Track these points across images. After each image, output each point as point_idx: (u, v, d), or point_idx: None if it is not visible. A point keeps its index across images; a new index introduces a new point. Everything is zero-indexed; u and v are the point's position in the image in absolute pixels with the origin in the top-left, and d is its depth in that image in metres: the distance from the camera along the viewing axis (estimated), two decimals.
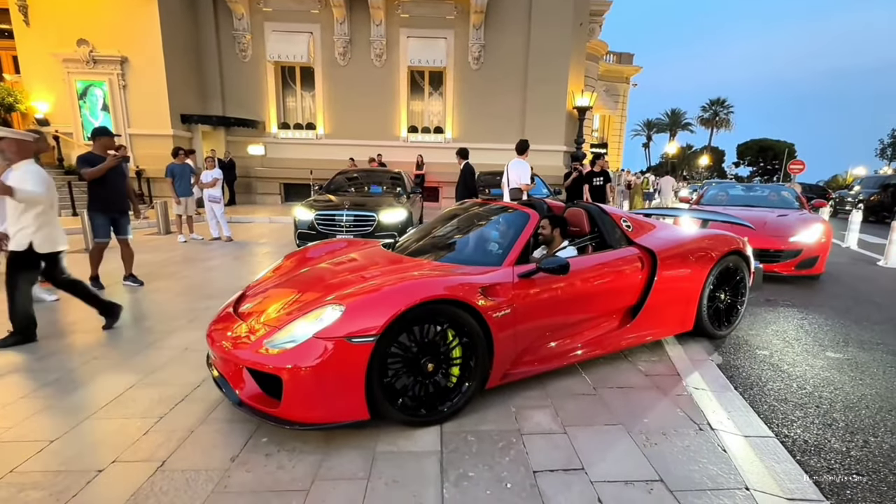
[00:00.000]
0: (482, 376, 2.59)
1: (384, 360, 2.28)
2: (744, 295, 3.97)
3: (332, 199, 7.59)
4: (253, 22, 13.95)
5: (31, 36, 11.63)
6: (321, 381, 2.16)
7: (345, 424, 2.26)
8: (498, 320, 2.57)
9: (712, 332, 3.80)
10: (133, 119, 12.39)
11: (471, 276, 2.63)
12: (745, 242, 3.96)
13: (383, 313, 2.23)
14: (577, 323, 3.09)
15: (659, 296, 3.35)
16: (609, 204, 8.94)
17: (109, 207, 5.14)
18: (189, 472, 2.07)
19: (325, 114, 14.94)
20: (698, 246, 3.68)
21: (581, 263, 3.09)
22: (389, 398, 2.32)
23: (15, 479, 2.01)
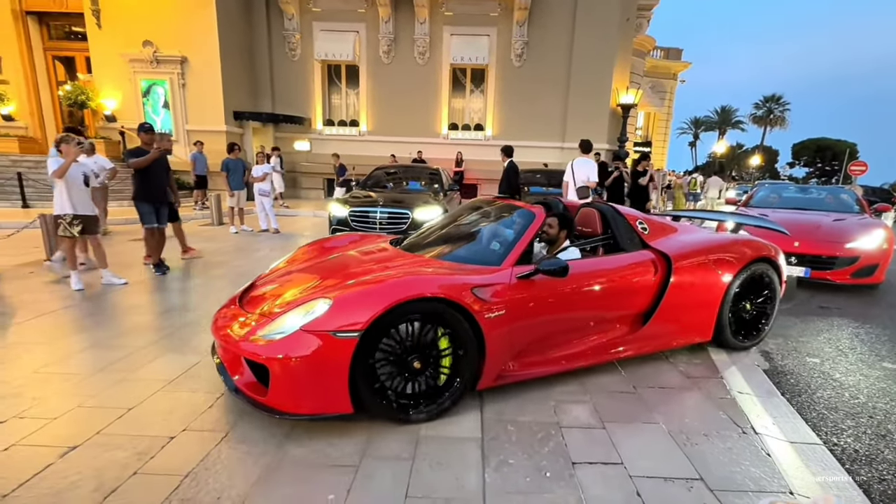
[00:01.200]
0: (472, 377, 2.57)
1: (369, 356, 2.29)
2: (773, 305, 3.66)
3: (368, 196, 7.47)
4: (302, 22, 14.40)
5: (103, 38, 12.47)
6: (305, 373, 2.21)
7: (330, 417, 2.32)
8: (491, 321, 2.53)
9: (734, 344, 3.53)
10: (190, 116, 13.08)
11: (465, 276, 2.60)
12: (776, 249, 3.68)
13: (369, 309, 2.25)
14: (583, 327, 3.02)
15: (673, 302, 3.18)
16: (652, 205, 8.75)
17: (151, 197, 5.52)
18: (249, 444, 2.24)
19: (369, 111, 15.24)
20: (720, 251, 3.45)
21: (586, 266, 3.03)
22: (375, 394, 2.34)
23: (101, 439, 2.24)
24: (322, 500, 1.89)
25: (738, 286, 3.44)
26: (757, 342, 3.68)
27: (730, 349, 3.56)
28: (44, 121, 13.75)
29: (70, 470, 2.03)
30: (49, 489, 1.91)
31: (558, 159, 14.39)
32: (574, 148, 13.95)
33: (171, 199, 5.75)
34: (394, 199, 7.22)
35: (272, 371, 2.23)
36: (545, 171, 10.39)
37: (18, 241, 6.31)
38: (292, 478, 2.02)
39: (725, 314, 3.43)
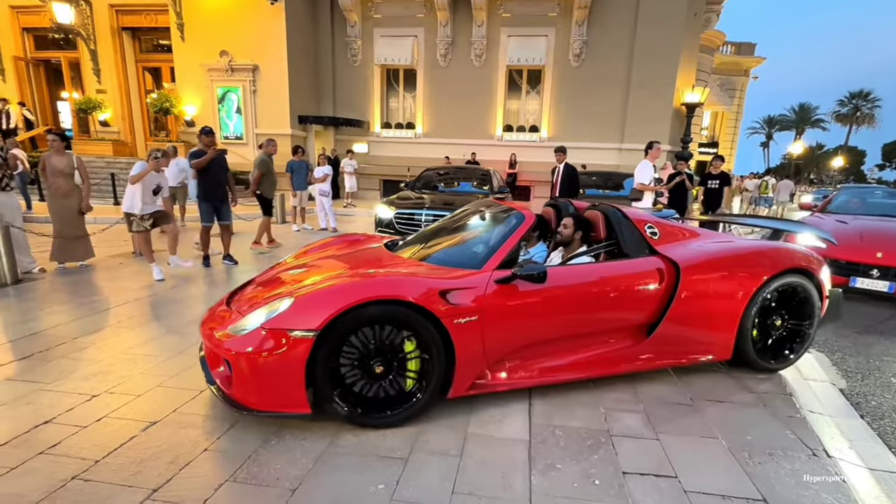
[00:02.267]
0: (440, 384, 2.46)
1: (329, 356, 2.26)
2: (811, 323, 3.20)
3: (415, 197, 7.31)
4: (364, 28, 14.86)
5: (185, 50, 13.51)
6: (263, 370, 2.23)
7: (289, 416, 2.33)
8: (460, 326, 2.42)
9: (760, 365, 3.14)
10: (260, 120, 13.87)
11: (436, 279, 2.50)
12: (816, 260, 3.24)
13: (326, 310, 2.22)
14: (577, 337, 2.83)
15: (682, 315, 2.90)
16: (722, 209, 8.23)
17: (211, 195, 5.91)
18: (307, 431, 2.36)
19: (425, 113, 15.47)
20: (743, 260, 3.08)
21: (578, 272, 2.87)
22: (336, 396, 2.31)
23: (177, 417, 2.45)
24: (372, 489, 1.96)
25: (763, 300, 3.04)
26: (789, 364, 3.23)
27: (756, 370, 3.17)
28: (133, 126, 15.08)
29: (150, 443, 2.23)
30: (133, 459, 2.11)
31: (616, 161, 13.93)
32: (632, 149, 13.51)
33: (228, 196, 6.14)
34: (442, 201, 7.07)
35: (234, 366, 2.28)
36: (601, 173, 10.05)
37: (111, 235, 6.96)
38: (344, 466, 2.11)
39: (748, 331, 3.04)
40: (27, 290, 4.72)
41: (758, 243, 3.46)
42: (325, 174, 9.10)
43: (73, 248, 5.60)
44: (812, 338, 3.25)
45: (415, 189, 8.10)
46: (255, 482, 1.98)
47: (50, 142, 5.62)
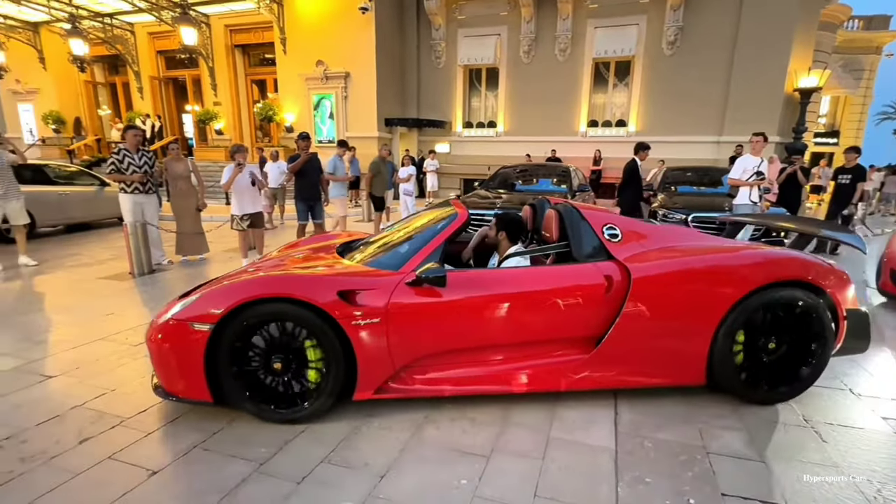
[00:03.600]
0: (341, 384, 2.41)
1: (230, 349, 2.32)
2: (821, 345, 2.57)
3: (487, 197, 6.93)
4: (448, 31, 15.05)
5: (287, 61, 14.63)
6: (168, 358, 2.38)
7: (197, 402, 2.42)
8: (361, 328, 2.37)
9: (743, 393, 2.63)
10: (350, 124, 14.63)
11: (342, 279, 2.46)
12: (830, 272, 2.63)
13: (223, 304, 2.29)
14: (509, 347, 2.61)
15: (632, 330, 2.54)
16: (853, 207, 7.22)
17: (305, 195, 6.31)
18: (390, 422, 2.46)
19: (506, 112, 15.32)
20: (720, 269, 2.57)
21: (501, 277, 2.65)
22: (238, 388, 2.36)
23: None
24: (455, 482, 1.99)
25: (747, 317, 2.53)
26: (789, 397, 2.65)
27: (743, 399, 2.65)
28: (242, 133, 16.65)
29: (257, 420, 2.45)
30: (243, 433, 2.34)
31: (713, 155, 12.77)
32: (732, 141, 12.29)
33: (321, 196, 6.55)
34: (517, 201, 6.72)
35: (149, 351, 2.46)
36: (696, 169, 9.25)
37: (224, 232, 7.75)
38: (427, 458, 2.16)
39: (727, 353, 2.55)
40: (160, 279, 5.42)
41: (748, 249, 2.79)
42: (410, 174, 9.37)
43: (192, 243, 6.34)
44: (822, 367, 2.62)
45: (488, 188, 7.76)
46: (346, 465, 2.10)
47: (171, 149, 6.40)
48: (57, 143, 17.00)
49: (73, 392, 2.74)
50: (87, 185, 9.21)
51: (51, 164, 9.76)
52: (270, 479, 2.00)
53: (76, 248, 7.20)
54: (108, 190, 8.99)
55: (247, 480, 2.00)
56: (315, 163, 6.40)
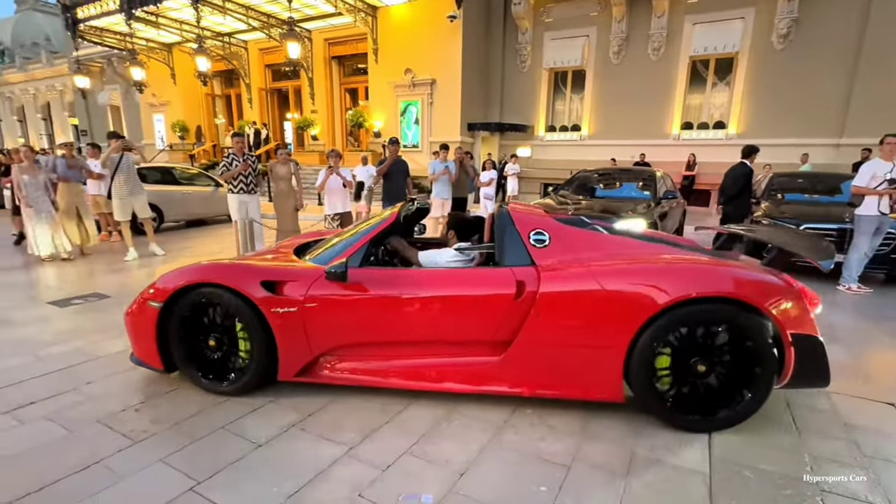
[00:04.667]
0: (265, 365, 2.66)
1: (177, 324, 2.71)
2: (764, 370, 2.28)
3: (558, 203, 6.59)
4: (534, 34, 14.88)
5: (378, 70, 15.35)
6: (133, 329, 2.85)
7: (152, 369, 2.84)
8: (279, 315, 2.61)
9: (666, 416, 2.40)
10: (434, 129, 14.99)
11: (270, 271, 2.71)
12: (774, 289, 2.31)
13: (171, 285, 2.68)
14: (421, 344, 2.67)
15: (538, 338, 2.46)
16: None
17: (392, 197, 6.50)
18: (470, 421, 2.49)
19: (592, 115, 14.80)
20: (633, 281, 2.36)
21: (414, 276, 2.72)
22: (184, 360, 2.76)
23: (363, 388, 2.81)
24: (534, 488, 1.97)
25: (668, 334, 2.32)
26: (725, 426, 2.37)
27: (673, 426, 2.39)
28: (334, 139, 17.73)
29: (349, 405, 2.60)
30: (335, 417, 2.50)
31: (831, 159, 11.34)
32: (855, 144, 10.81)
33: (407, 199, 6.75)
34: (593, 207, 6.22)
35: (125, 324, 2.92)
36: (810, 175, 8.26)
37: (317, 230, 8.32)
38: (506, 460, 2.16)
39: (645, 372, 2.34)
40: None
41: (677, 262, 2.53)
42: (491, 178, 9.40)
43: None
44: (760, 398, 2.32)
45: (562, 193, 7.33)
46: (427, 459, 2.17)
47: (278, 154, 6.98)
48: (181, 148, 19.28)
49: None
50: (204, 185, 10.37)
51: (176, 167, 11.12)
52: (358, 464, 2.12)
53: (193, 242, 8.12)
54: (221, 190, 10.03)
55: (338, 462, 2.14)
56: (402, 166, 6.64)
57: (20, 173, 6.21)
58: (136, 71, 17.06)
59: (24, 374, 3.02)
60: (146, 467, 2.10)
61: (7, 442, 2.30)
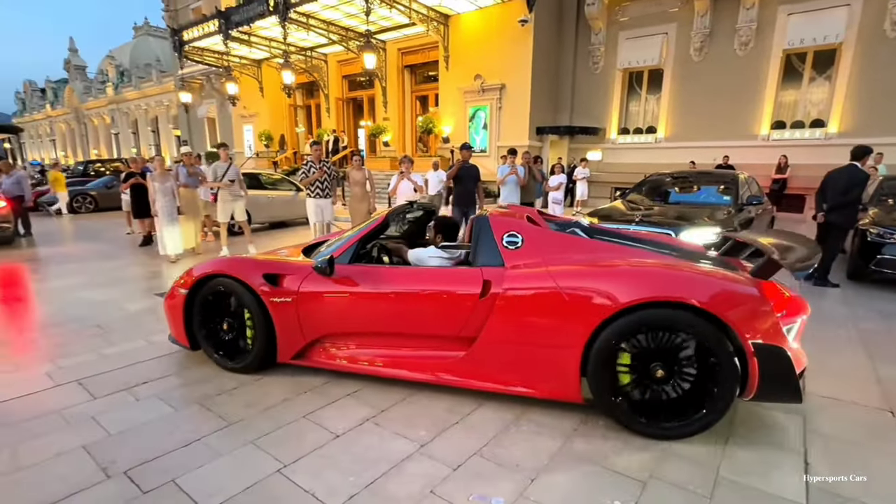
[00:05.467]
0: (266, 348, 3.00)
1: (199, 308, 3.14)
2: (724, 379, 2.20)
3: (626, 210, 6.14)
4: (608, 34, 14.38)
5: (448, 77, 15.60)
6: (168, 313, 3.32)
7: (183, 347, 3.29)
8: (276, 304, 2.94)
9: (624, 421, 2.37)
10: (502, 134, 14.94)
11: (273, 266, 3.07)
12: (733, 296, 2.23)
13: (194, 275, 3.14)
14: (400, 337, 2.86)
15: (499, 336, 2.55)
16: None
17: (460, 202, 6.52)
18: (540, 427, 2.45)
19: (669, 116, 14.00)
20: (590, 283, 2.38)
21: (392, 273, 2.93)
22: (204, 339, 3.18)
23: (433, 387, 2.87)
24: (605, 501, 1.91)
25: (619, 336, 2.29)
26: (682, 435, 2.29)
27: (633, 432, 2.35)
28: (405, 145, 18.24)
29: (417, 402, 2.68)
30: (406, 414, 2.58)
31: None
32: None
33: (476, 204, 6.76)
34: (665, 214, 5.79)
35: (164, 309, 3.39)
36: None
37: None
38: (578, 470, 2.11)
39: (597, 372, 2.35)
40: None
41: (642, 263, 2.52)
42: (560, 182, 9.20)
43: None
44: (720, 408, 2.23)
45: (627, 198, 6.90)
46: (497, 462, 2.17)
47: (354, 160, 7.31)
48: (266, 156, 20.78)
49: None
50: (286, 190, 11.10)
51: (263, 173, 12.01)
52: (430, 461, 2.17)
53: (278, 242, 8.71)
54: (301, 194, 10.69)
55: (410, 458, 2.20)
56: (472, 171, 6.69)
57: (153, 180, 6.95)
58: (230, 86, 18.67)
59: (139, 356, 3.42)
60: (240, 448, 2.29)
61: (128, 415, 2.61)
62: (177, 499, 1.93)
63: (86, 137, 38.08)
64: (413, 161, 7.20)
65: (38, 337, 3.90)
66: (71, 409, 2.68)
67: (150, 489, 1.99)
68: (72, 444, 2.31)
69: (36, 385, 2.97)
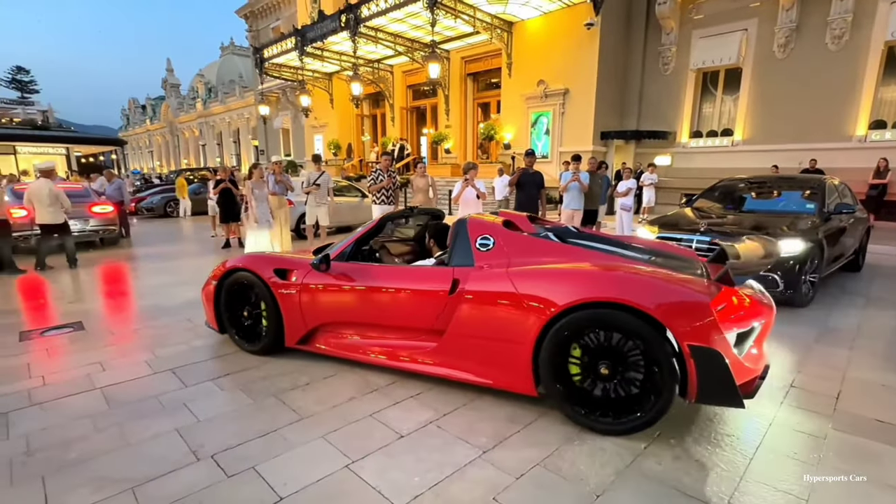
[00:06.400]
0: (274, 333, 3.45)
1: (225, 298, 3.67)
2: (665, 380, 2.23)
3: (691, 218, 5.67)
4: (680, 34, 13.67)
5: (511, 84, 15.54)
6: (204, 300, 3.89)
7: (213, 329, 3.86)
8: (283, 295, 3.37)
9: (573, 416, 2.47)
10: (564, 139, 14.63)
11: (285, 262, 3.50)
12: (662, 295, 2.28)
13: (223, 269, 3.70)
14: (382, 328, 3.17)
15: (463, 329, 2.78)
16: None
17: (522, 208, 6.44)
18: (604, 443, 2.37)
19: (747, 117, 13.02)
20: (540, 284, 2.54)
21: (376, 270, 3.24)
22: (227, 321, 3.71)
23: (496, 391, 2.86)
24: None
25: (563, 334, 2.42)
26: (625, 431, 2.37)
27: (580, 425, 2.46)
28: (466, 152, 18.37)
29: (480, 408, 2.68)
30: (468, 419, 2.59)
31: None
32: None
33: (538, 211, 6.66)
34: (726, 224, 5.29)
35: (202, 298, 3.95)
36: None
37: None
38: (645, 492, 2.02)
39: (545, 367, 2.48)
40: None
41: (595, 266, 2.64)
42: (629, 188, 8.84)
43: None
44: (658, 407, 2.28)
45: (694, 206, 6.36)
46: (560, 474, 2.12)
47: (418, 168, 7.47)
48: (334, 163, 21.75)
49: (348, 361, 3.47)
50: (353, 196, 11.57)
51: (331, 180, 12.57)
52: (492, 468, 2.17)
53: None
54: (366, 201, 11.08)
55: (472, 463, 2.21)
56: (536, 178, 6.61)
57: (253, 188, 7.51)
58: (303, 98, 19.77)
59: (222, 349, 3.70)
60: (311, 441, 2.41)
61: (214, 403, 2.84)
62: (256, 485, 2.07)
63: (178, 149, 41.97)
64: (478, 167, 7.21)
65: (139, 328, 4.35)
66: (166, 395, 2.95)
67: (234, 474, 2.14)
68: (167, 427, 2.55)
69: (138, 371, 3.32)
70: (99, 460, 2.26)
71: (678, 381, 2.23)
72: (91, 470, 2.19)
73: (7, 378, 3.22)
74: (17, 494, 2.03)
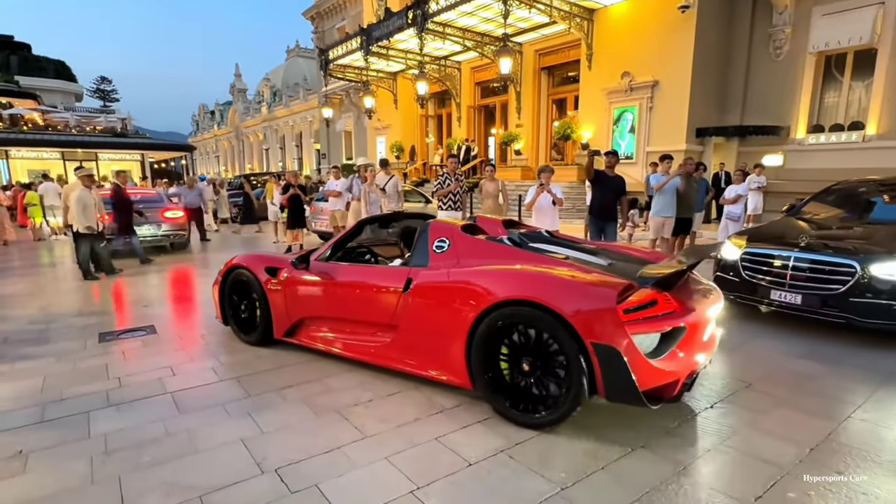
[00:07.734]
0: (266, 324, 4.07)
1: (228, 292, 4.39)
2: (564, 381, 2.59)
3: (795, 229, 5.03)
4: (797, 12, 12.66)
5: (591, 77, 15.18)
6: (214, 295, 4.60)
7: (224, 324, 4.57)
8: (271, 290, 4.00)
9: (505, 411, 2.83)
10: (652, 137, 14.00)
11: (274, 261, 4.13)
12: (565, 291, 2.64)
13: (226, 267, 4.42)
14: (349, 322, 3.72)
15: (412, 325, 3.24)
16: None
17: (598, 212, 6.17)
18: (706, 488, 2.21)
19: (884, 107, 11.72)
20: (473, 283, 2.93)
21: (342, 270, 3.79)
22: (229, 315, 4.43)
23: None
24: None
25: (490, 330, 2.80)
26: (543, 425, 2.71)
27: None
28: (538, 153, 18.16)
29: None
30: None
31: None
32: None
33: (616, 217, 6.39)
34: (833, 238, 4.69)
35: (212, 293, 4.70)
36: None
37: None
38: None
39: (475, 361, 2.88)
40: None
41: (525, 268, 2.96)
42: (738, 195, 8.23)
43: None
44: (568, 404, 2.57)
45: (800, 214, 5.74)
46: None
47: (486, 170, 7.50)
48: (396, 167, 22.41)
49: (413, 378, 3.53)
50: (416, 201, 11.84)
51: None
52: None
53: None
54: (430, 206, 11.29)
55: (549, 500, 2.16)
56: (614, 183, 6.29)
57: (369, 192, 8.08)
58: (367, 100, 20.64)
59: (286, 360, 3.92)
60: (374, 462, 2.48)
61: (277, 415, 3.01)
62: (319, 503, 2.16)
63: (242, 153, 45.34)
64: (553, 171, 6.99)
65: (205, 333, 4.71)
66: (231, 403, 3.18)
67: (297, 490, 2.25)
68: (232, 437, 2.74)
69: (205, 378, 3.60)
70: (170, 465, 2.48)
71: (586, 377, 2.48)
72: (163, 474, 2.40)
73: (88, 378, 3.62)
74: (97, 493, 2.26)
